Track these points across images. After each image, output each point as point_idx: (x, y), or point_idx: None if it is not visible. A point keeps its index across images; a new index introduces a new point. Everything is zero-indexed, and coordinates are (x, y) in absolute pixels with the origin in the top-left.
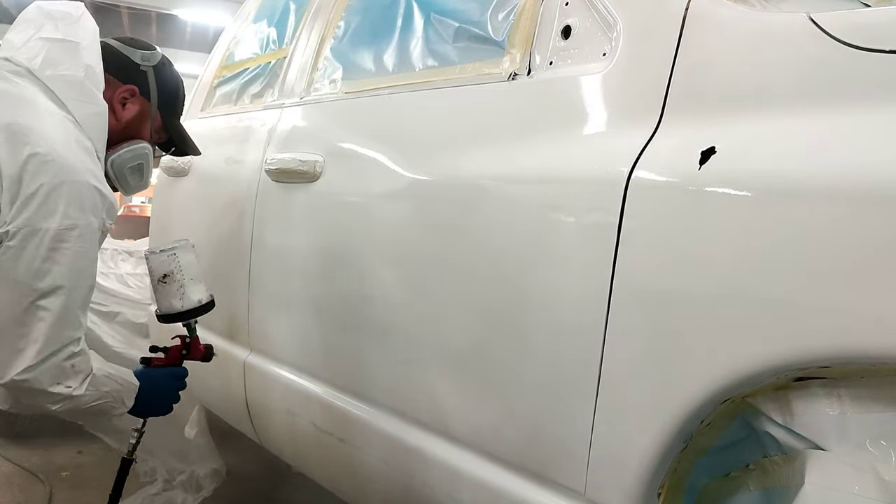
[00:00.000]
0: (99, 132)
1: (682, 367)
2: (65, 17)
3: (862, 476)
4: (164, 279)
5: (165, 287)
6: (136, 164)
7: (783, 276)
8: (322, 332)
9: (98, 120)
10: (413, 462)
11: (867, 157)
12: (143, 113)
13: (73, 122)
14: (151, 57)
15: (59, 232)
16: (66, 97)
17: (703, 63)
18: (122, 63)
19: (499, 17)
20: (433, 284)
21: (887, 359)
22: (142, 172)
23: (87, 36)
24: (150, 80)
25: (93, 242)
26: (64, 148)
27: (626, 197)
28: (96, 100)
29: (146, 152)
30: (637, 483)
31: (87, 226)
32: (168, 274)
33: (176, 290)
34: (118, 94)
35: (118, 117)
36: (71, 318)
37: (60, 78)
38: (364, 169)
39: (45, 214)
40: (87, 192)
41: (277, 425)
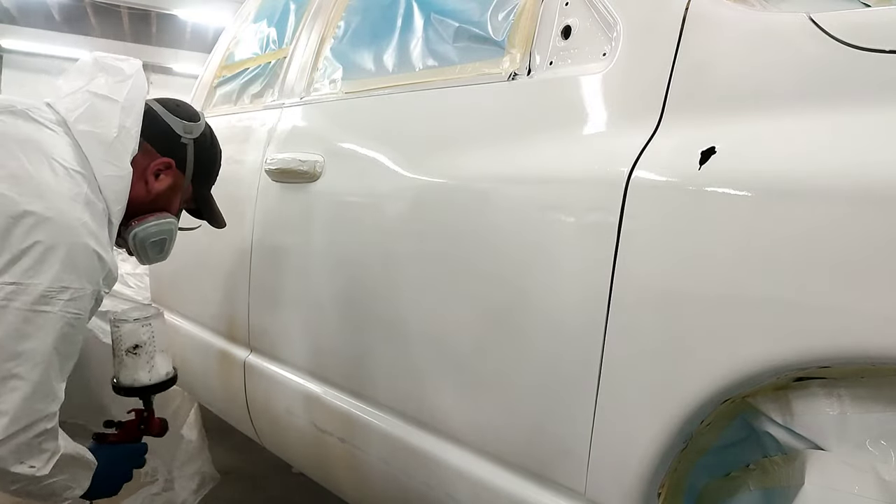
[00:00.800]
0: (118, 196)
1: (683, 367)
2: (116, 74)
3: (862, 476)
4: (135, 350)
5: (135, 358)
6: (158, 239)
7: (783, 276)
8: (322, 332)
9: (119, 183)
10: (413, 462)
11: (867, 157)
12: (175, 186)
13: (90, 180)
14: (194, 129)
15: (45, 293)
16: (91, 155)
17: (703, 63)
18: (162, 132)
19: (499, 17)
20: (433, 284)
21: (887, 359)
22: (163, 247)
23: (131, 96)
24: (189, 153)
25: (83, 311)
26: (67, 205)
27: (626, 197)
28: (122, 163)
29: (171, 227)
30: (637, 483)
31: (79, 290)
32: (139, 345)
33: (145, 361)
34: (153, 166)
35: (149, 188)
36: (46, 391)
37: (91, 135)
38: (364, 169)
39: (36, 272)
40: (84, 255)
41: (277, 425)
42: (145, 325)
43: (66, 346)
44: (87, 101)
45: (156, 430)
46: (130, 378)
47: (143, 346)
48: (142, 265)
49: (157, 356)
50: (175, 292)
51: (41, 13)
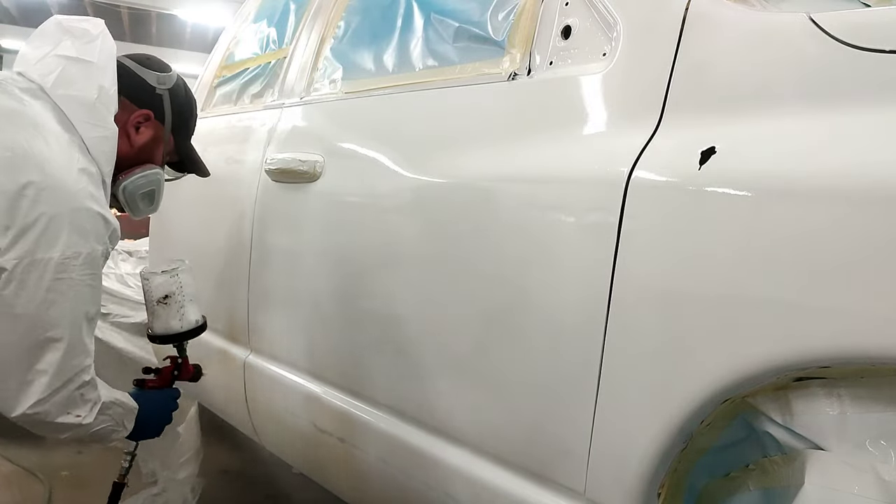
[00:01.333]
0: (107, 156)
1: (682, 367)
2: (83, 35)
3: (862, 476)
4: (165, 300)
5: (165, 308)
6: (147, 190)
7: (783, 276)
8: (322, 332)
9: (106, 144)
10: (412, 462)
11: (867, 157)
12: (156, 137)
13: (79, 145)
14: (167, 80)
15: (61, 262)
16: (75, 119)
17: (703, 63)
18: (137, 86)
19: (499, 17)
20: (433, 284)
21: (887, 359)
22: (153, 198)
23: (103, 56)
24: (166, 103)
25: (97, 269)
26: (65, 173)
27: (626, 197)
28: (107, 123)
29: (158, 178)
30: (637, 483)
31: (90, 253)
32: (169, 295)
33: (176, 310)
34: (133, 119)
35: (132, 142)
36: (80, 347)
37: (72, 98)
38: (364, 169)
39: (47, 244)
40: (89, 218)
41: (277, 425)
42: (173, 277)
43: (89, 304)
44: (59, 64)
45: (189, 375)
46: (163, 327)
47: (173, 296)
48: (134, 218)
49: (187, 305)
50: None
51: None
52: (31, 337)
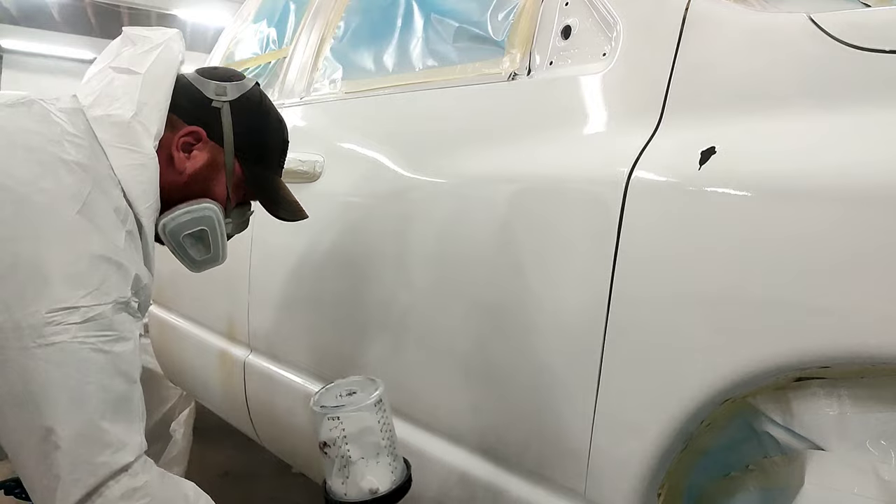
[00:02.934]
0: (143, 188)
1: (682, 367)
2: (143, 43)
3: (862, 476)
4: (325, 448)
5: (327, 460)
6: (194, 230)
7: (783, 276)
8: (322, 331)
9: (142, 172)
10: (412, 461)
11: (867, 157)
12: (212, 163)
13: (97, 177)
14: (230, 89)
15: (49, 318)
16: (107, 142)
17: (703, 63)
18: (190, 98)
19: (499, 18)
20: (433, 284)
21: (887, 359)
22: (205, 242)
23: (157, 67)
24: (225, 118)
25: (109, 328)
26: (66, 206)
27: (626, 197)
28: (142, 147)
29: (210, 214)
30: (637, 483)
31: (92, 307)
32: (328, 443)
33: (338, 469)
34: (178, 139)
35: (179, 168)
36: (99, 437)
37: (106, 119)
38: (364, 169)
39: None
40: (88, 264)
41: (277, 425)
42: (332, 419)
43: (104, 376)
44: (107, 78)
45: None
46: (329, 485)
47: (334, 447)
48: (194, 272)
49: (359, 465)
50: (175, 292)
51: (41, 13)
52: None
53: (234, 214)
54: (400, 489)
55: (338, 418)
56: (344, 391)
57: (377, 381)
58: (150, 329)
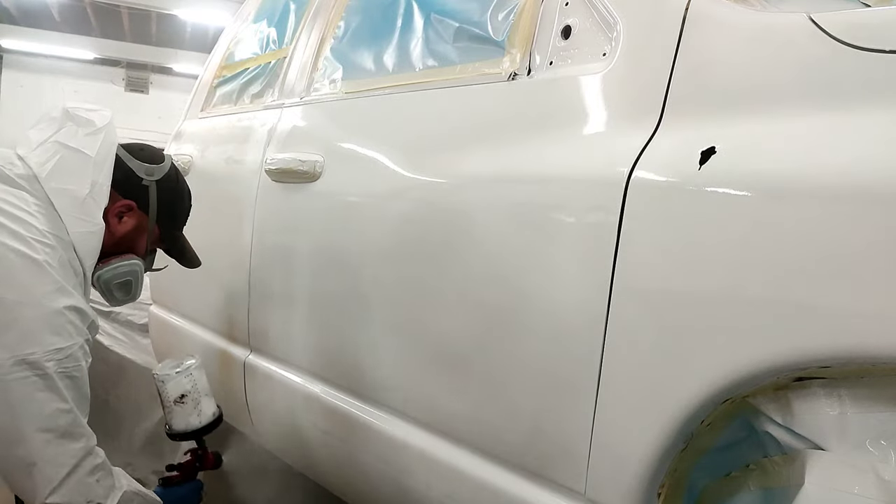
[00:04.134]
0: (90, 250)
1: (683, 366)
2: (87, 125)
3: (862, 476)
4: (182, 399)
5: (183, 407)
6: (123, 280)
7: (783, 275)
8: (322, 332)
9: (92, 239)
10: (413, 462)
11: (867, 156)
12: (139, 227)
13: (63, 243)
14: (156, 171)
15: (46, 356)
16: (65, 212)
17: (703, 63)
18: (125, 176)
19: (499, 17)
20: (433, 284)
21: (887, 359)
22: (129, 288)
23: (103, 150)
24: (151, 194)
25: (78, 360)
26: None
27: (626, 197)
28: (95, 218)
29: (136, 269)
30: (637, 483)
31: (69, 346)
32: (185, 394)
33: (193, 408)
34: (115, 208)
35: (112, 230)
36: (80, 431)
37: (64, 193)
38: (364, 169)
39: (28, 342)
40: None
41: (277, 425)
42: (187, 376)
43: (75, 390)
44: (56, 152)
45: (210, 465)
46: (182, 424)
47: (189, 395)
48: (111, 306)
49: (203, 400)
50: (175, 292)
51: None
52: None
53: (148, 262)
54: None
55: (191, 374)
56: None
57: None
58: (151, 329)
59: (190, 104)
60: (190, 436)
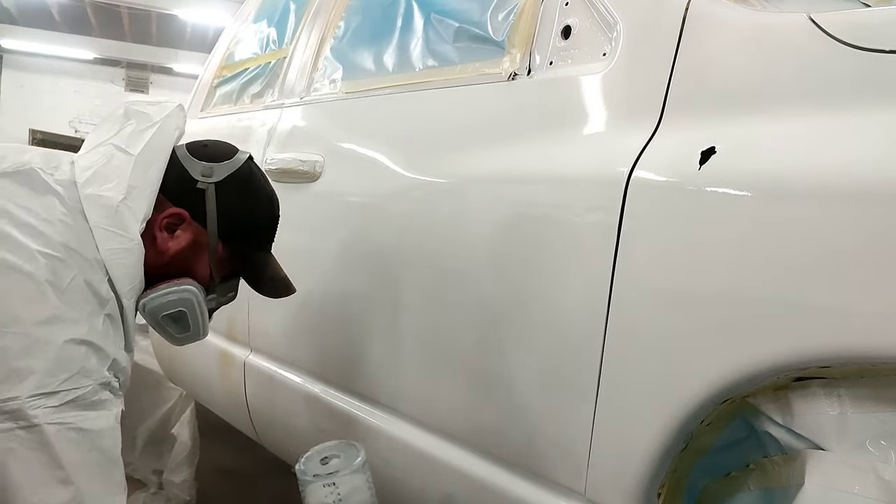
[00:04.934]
0: (126, 270)
1: (682, 366)
2: (141, 120)
3: (862, 476)
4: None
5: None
6: (174, 311)
7: (783, 275)
8: (322, 331)
9: (127, 257)
10: (413, 462)
11: (867, 156)
12: (196, 244)
13: (82, 261)
14: (218, 170)
15: (28, 403)
16: (95, 224)
17: (703, 63)
18: (177, 179)
19: (499, 17)
20: (433, 284)
21: (887, 359)
22: (184, 322)
23: (151, 148)
24: (209, 200)
25: (88, 408)
26: (49, 292)
27: (626, 197)
28: (128, 231)
29: (189, 297)
30: (637, 483)
31: (72, 391)
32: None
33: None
34: (161, 219)
35: (161, 248)
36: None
37: (97, 200)
38: (364, 169)
39: (11, 383)
40: (70, 350)
41: (277, 425)
42: (328, 486)
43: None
44: (106, 155)
45: None
46: None
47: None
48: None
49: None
50: None
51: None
52: None
53: (219, 290)
54: None
55: (333, 484)
56: (326, 455)
57: (357, 444)
58: (151, 332)
59: (190, 104)
60: None
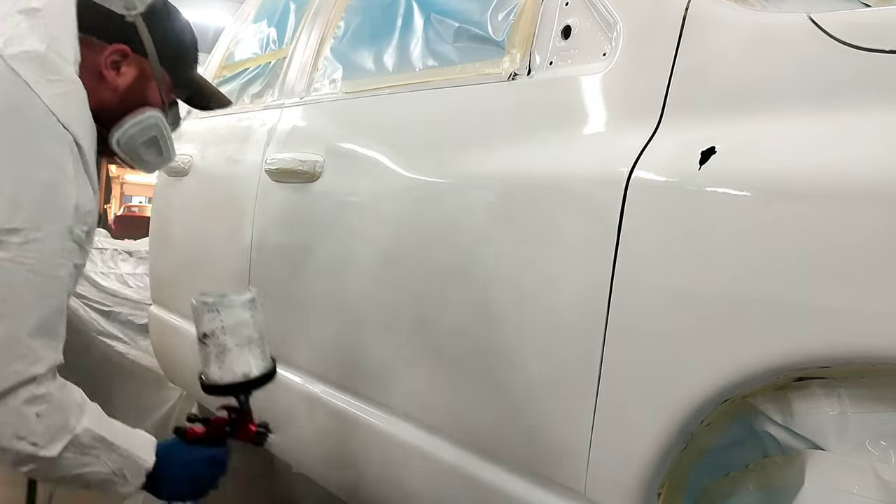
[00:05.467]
0: (75, 115)
1: (682, 367)
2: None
3: (862, 476)
4: (204, 339)
5: (205, 350)
6: (147, 137)
7: (783, 275)
8: (322, 332)
9: (70, 99)
10: (413, 462)
11: (867, 156)
12: (143, 75)
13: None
14: (138, 2)
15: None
16: (31, 78)
17: (703, 63)
18: (102, 18)
19: (499, 17)
20: (433, 284)
21: (887, 359)
22: (158, 145)
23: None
24: (142, 31)
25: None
26: None
27: (626, 197)
28: (64, 75)
29: (156, 122)
30: (637, 483)
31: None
32: (208, 334)
33: (215, 356)
34: (106, 59)
35: (113, 85)
36: (18, 348)
37: (23, 56)
38: (364, 169)
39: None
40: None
41: (277, 425)
42: (211, 312)
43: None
44: (13, 21)
45: (248, 437)
46: (204, 372)
47: (213, 336)
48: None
49: (233, 351)
50: (175, 292)
51: None
52: None
53: (170, 117)
54: (267, 375)
55: (217, 311)
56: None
57: (251, 288)
58: (151, 329)
59: None
60: (214, 390)
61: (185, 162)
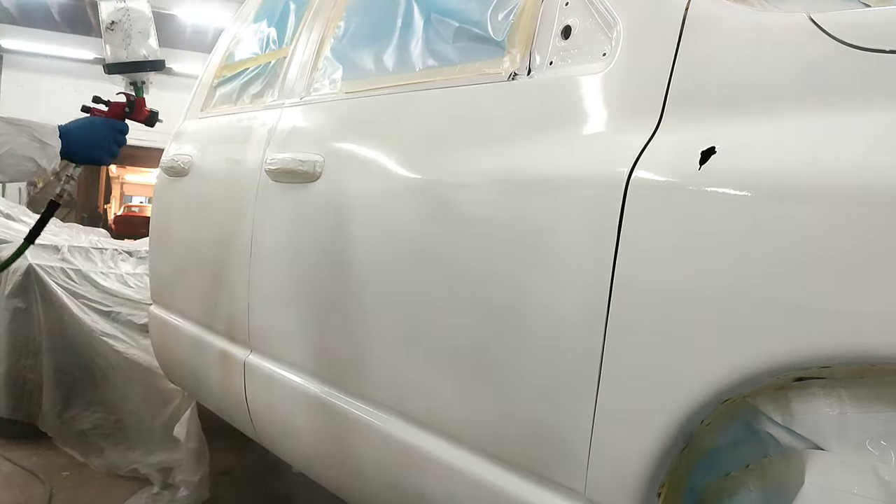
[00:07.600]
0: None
1: (682, 367)
2: None
3: (862, 476)
4: (112, 26)
5: (112, 35)
6: None
7: (783, 276)
8: (322, 331)
9: None
10: (413, 462)
11: (867, 157)
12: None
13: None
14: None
15: None
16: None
17: (703, 63)
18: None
19: (499, 17)
20: (433, 284)
21: (887, 359)
22: None
23: None
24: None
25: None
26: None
27: (626, 197)
28: None
29: None
30: (637, 483)
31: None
32: (115, 21)
33: (121, 39)
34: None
35: None
36: None
37: None
38: (364, 169)
39: None
40: None
41: (277, 425)
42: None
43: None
44: None
45: (142, 117)
46: (111, 55)
47: (119, 24)
48: None
49: (136, 36)
50: (175, 292)
51: (41, 13)
52: None
53: None
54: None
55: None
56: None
57: None
58: (150, 329)
59: (190, 104)
60: (118, 69)
61: (185, 162)
